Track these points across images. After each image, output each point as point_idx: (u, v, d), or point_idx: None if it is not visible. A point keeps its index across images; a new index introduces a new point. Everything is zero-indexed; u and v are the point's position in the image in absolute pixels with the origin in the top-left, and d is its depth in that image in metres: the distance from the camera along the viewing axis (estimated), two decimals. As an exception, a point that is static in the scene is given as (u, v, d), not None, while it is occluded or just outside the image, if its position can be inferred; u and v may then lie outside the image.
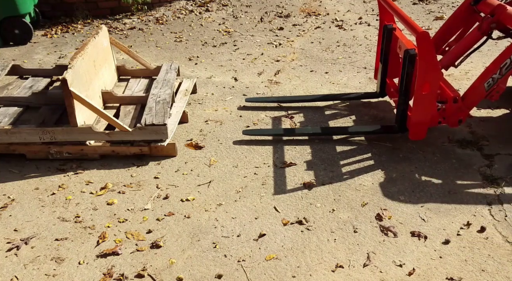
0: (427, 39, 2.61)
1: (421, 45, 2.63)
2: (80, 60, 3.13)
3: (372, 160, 3.06)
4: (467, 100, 2.93)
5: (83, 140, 3.08)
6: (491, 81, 2.78)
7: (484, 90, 2.83)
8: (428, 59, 2.67)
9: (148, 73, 3.97)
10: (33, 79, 3.81)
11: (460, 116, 2.96)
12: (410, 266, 2.24)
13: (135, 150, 3.11)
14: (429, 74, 2.72)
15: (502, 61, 2.75)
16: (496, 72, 2.76)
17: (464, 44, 3.24)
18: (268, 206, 2.67)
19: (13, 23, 5.41)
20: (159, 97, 3.39)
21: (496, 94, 2.83)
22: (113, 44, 3.84)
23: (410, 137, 3.00)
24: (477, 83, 2.86)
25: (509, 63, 2.72)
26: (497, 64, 2.77)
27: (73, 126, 3.03)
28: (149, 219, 2.59)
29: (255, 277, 2.20)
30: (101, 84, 3.50)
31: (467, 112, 2.96)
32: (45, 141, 3.06)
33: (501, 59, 2.77)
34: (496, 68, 2.77)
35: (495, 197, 2.70)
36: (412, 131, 2.97)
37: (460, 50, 3.25)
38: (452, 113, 2.96)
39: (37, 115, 3.28)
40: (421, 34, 2.59)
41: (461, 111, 2.94)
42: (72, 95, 2.91)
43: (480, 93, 2.87)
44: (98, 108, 3.08)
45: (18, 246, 2.40)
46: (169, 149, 3.14)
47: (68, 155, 3.11)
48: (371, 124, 3.48)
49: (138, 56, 3.99)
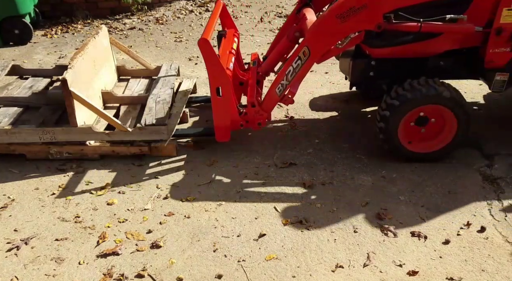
0: (206, 45, 2.74)
1: (202, 51, 2.77)
2: (80, 60, 3.13)
3: (372, 160, 3.06)
4: (263, 105, 3.06)
5: (83, 140, 3.08)
6: (281, 87, 2.96)
7: (277, 95, 2.99)
8: (211, 64, 2.80)
9: (148, 73, 3.97)
10: (33, 79, 3.81)
11: (259, 120, 3.08)
12: (410, 266, 2.24)
13: (135, 150, 3.11)
14: (216, 79, 2.83)
15: (287, 69, 2.91)
16: (284, 78, 2.93)
17: (277, 52, 3.38)
18: (268, 206, 2.67)
19: (13, 23, 5.41)
20: (159, 97, 3.39)
21: (289, 99, 3.00)
22: (113, 44, 3.84)
23: (216, 139, 3.10)
24: (271, 89, 3.01)
25: (292, 70, 2.90)
26: (283, 72, 2.93)
27: (73, 126, 3.03)
28: (149, 219, 2.59)
29: (255, 277, 2.20)
30: (101, 84, 3.50)
31: (265, 115, 3.08)
32: (45, 141, 3.06)
33: (286, 67, 2.93)
34: (283, 75, 2.93)
35: (495, 197, 2.70)
36: (216, 134, 3.08)
37: (275, 58, 3.39)
38: (252, 117, 3.07)
39: (37, 115, 3.29)
40: (200, 41, 2.75)
41: (259, 115, 3.07)
42: (72, 95, 2.91)
43: (274, 98, 3.03)
44: (98, 108, 3.08)
45: (18, 246, 2.40)
46: (169, 149, 3.14)
47: (68, 155, 3.11)
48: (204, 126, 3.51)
49: (138, 56, 3.99)
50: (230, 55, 3.21)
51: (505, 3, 2.60)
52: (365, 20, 2.68)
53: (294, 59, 2.87)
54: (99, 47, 3.56)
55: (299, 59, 2.85)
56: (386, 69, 3.06)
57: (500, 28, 2.66)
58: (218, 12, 3.36)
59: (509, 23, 2.65)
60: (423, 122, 2.89)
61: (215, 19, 3.19)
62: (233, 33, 3.54)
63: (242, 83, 3.36)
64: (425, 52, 2.91)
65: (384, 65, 3.05)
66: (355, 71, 3.18)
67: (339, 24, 2.70)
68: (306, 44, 2.80)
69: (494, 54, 2.76)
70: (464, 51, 2.94)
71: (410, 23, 2.68)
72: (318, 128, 3.49)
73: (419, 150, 2.97)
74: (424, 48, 2.88)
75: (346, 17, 2.67)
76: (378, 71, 3.09)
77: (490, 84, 2.92)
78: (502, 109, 3.69)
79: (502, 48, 2.74)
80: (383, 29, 2.69)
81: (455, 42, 2.84)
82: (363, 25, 2.74)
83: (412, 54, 2.93)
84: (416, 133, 2.93)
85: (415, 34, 2.77)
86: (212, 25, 3.06)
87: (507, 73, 2.84)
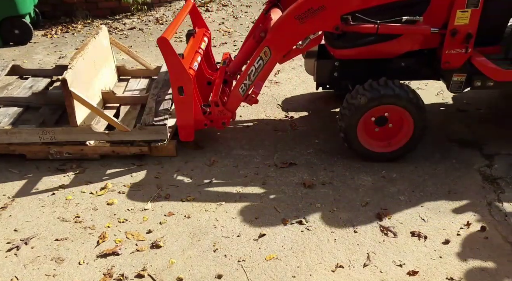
0: (165, 44, 2.73)
1: (161, 50, 2.76)
2: (80, 60, 3.13)
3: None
4: (228, 105, 3.09)
5: (83, 140, 3.08)
6: (244, 87, 2.99)
7: (240, 95, 3.02)
8: (171, 63, 2.79)
9: (148, 73, 3.97)
10: (33, 79, 3.80)
11: (223, 119, 3.11)
12: (410, 266, 2.24)
13: (135, 150, 3.10)
14: (178, 78, 2.83)
15: (249, 68, 2.94)
16: (246, 78, 2.96)
17: (243, 52, 3.38)
18: (268, 206, 2.67)
19: (13, 23, 5.41)
20: (159, 97, 3.39)
21: (253, 98, 3.03)
22: (113, 44, 3.84)
23: (180, 138, 3.11)
24: (234, 89, 3.04)
25: (254, 70, 2.93)
26: (246, 72, 2.96)
27: (73, 126, 3.03)
28: (149, 219, 2.59)
29: (255, 277, 2.20)
30: (101, 84, 3.50)
31: (229, 115, 3.10)
32: (45, 141, 3.06)
33: (248, 67, 2.95)
34: (245, 75, 2.96)
35: (495, 197, 2.70)
36: (180, 134, 3.09)
37: (242, 58, 3.39)
38: (216, 116, 3.09)
39: (37, 115, 3.28)
40: (158, 40, 2.74)
41: (223, 114, 3.09)
42: (72, 95, 2.91)
43: (238, 98, 3.05)
44: (98, 108, 3.08)
45: (18, 246, 2.40)
46: (169, 149, 3.14)
47: (68, 155, 3.11)
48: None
49: (138, 56, 3.99)
50: (197, 54, 3.19)
51: (459, 5, 2.63)
52: (323, 21, 2.72)
53: (256, 59, 2.90)
54: (99, 47, 3.56)
55: (260, 59, 2.89)
56: (349, 70, 3.11)
57: (455, 30, 2.69)
58: (186, 11, 3.33)
59: (463, 24, 2.68)
60: (382, 122, 2.91)
61: (180, 18, 3.15)
62: (203, 33, 3.52)
63: (210, 82, 3.37)
64: (387, 53, 2.95)
65: (348, 66, 3.10)
66: (319, 72, 3.23)
67: (298, 25, 2.73)
68: (267, 44, 2.85)
69: (450, 55, 2.79)
70: (426, 52, 2.99)
71: (368, 24, 2.73)
72: (318, 128, 3.49)
73: (377, 150, 3.00)
74: (385, 49, 2.92)
75: (304, 18, 2.70)
76: (342, 72, 3.14)
77: (448, 84, 2.95)
78: (502, 109, 3.69)
79: (458, 49, 2.77)
80: (341, 30, 2.74)
81: (415, 43, 2.88)
82: (321, 26, 2.78)
83: (374, 55, 2.97)
84: (374, 132, 2.95)
85: (376, 36, 2.81)
86: (176, 24, 3.04)
87: (464, 73, 2.87)
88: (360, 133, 2.92)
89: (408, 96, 2.78)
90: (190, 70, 2.91)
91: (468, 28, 2.68)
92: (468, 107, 3.72)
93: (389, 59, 3.01)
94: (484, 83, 2.86)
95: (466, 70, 2.85)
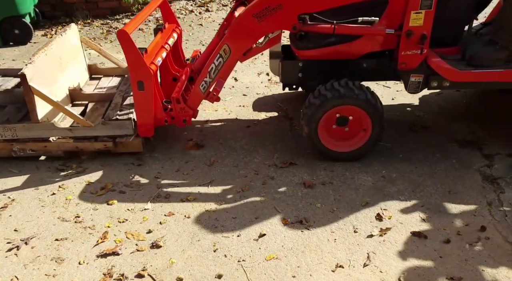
0: (125, 37, 2.70)
1: (121, 44, 2.73)
2: (42, 56, 3.08)
3: (372, 160, 3.06)
4: (189, 102, 3.08)
5: (45, 137, 3.03)
6: (205, 84, 3.01)
7: (201, 92, 3.04)
8: (131, 57, 2.76)
9: (120, 72, 3.92)
10: (3, 79, 3.74)
11: (184, 116, 3.10)
12: (410, 266, 2.24)
13: (100, 146, 3.06)
14: (137, 73, 2.81)
15: (209, 66, 2.96)
16: (207, 76, 2.98)
17: (209, 50, 3.38)
18: (268, 206, 2.67)
19: (13, 23, 5.42)
20: (126, 93, 3.36)
21: (214, 96, 3.05)
22: (84, 43, 3.81)
23: (139, 134, 3.09)
24: (195, 86, 3.04)
25: (214, 67, 2.95)
26: (206, 69, 2.98)
27: (34, 122, 2.98)
28: (149, 219, 2.59)
29: (255, 277, 2.20)
30: (68, 82, 3.46)
31: (191, 113, 3.09)
32: (6, 138, 3.03)
33: (208, 64, 2.97)
34: (205, 72, 2.98)
35: (495, 197, 2.70)
36: (139, 130, 3.07)
37: (207, 55, 3.38)
38: (177, 113, 3.08)
39: (2, 114, 3.26)
40: (118, 33, 2.71)
41: (185, 111, 3.07)
42: (32, 90, 2.86)
43: (199, 95, 3.06)
44: (59, 104, 3.01)
45: (18, 246, 2.40)
46: (135, 145, 3.08)
47: (31, 152, 3.07)
48: None
49: (111, 55, 3.95)
50: (162, 50, 3.13)
51: (413, 7, 2.65)
52: (281, 20, 2.73)
53: (216, 56, 2.91)
54: (67, 45, 3.51)
55: (220, 56, 2.90)
56: (313, 71, 3.12)
57: (410, 31, 2.71)
58: (154, 7, 3.26)
59: (417, 26, 2.69)
60: (342, 122, 2.94)
61: (145, 13, 3.10)
62: (172, 29, 3.47)
63: (175, 79, 3.36)
64: (349, 54, 2.96)
65: (311, 66, 3.10)
66: (284, 72, 3.23)
67: (256, 24, 2.75)
68: (226, 42, 2.86)
69: (406, 56, 2.81)
70: (387, 53, 3.01)
71: (324, 25, 2.74)
72: (318, 128, 3.49)
73: (337, 149, 3.01)
74: (347, 50, 2.93)
75: (262, 16, 2.72)
76: (305, 73, 3.15)
77: (406, 85, 2.97)
78: (502, 109, 3.69)
79: (414, 50, 2.79)
80: (299, 30, 2.76)
81: (375, 44, 2.90)
82: (279, 25, 2.80)
83: (336, 56, 2.98)
84: (334, 132, 2.97)
85: (337, 37, 2.82)
86: (140, 18, 3.00)
87: (421, 74, 2.89)
88: (321, 132, 2.94)
89: (367, 97, 2.80)
90: (151, 66, 2.86)
91: (423, 29, 2.70)
92: (468, 107, 3.72)
93: (351, 60, 3.02)
94: (440, 83, 2.89)
95: (423, 71, 2.88)
